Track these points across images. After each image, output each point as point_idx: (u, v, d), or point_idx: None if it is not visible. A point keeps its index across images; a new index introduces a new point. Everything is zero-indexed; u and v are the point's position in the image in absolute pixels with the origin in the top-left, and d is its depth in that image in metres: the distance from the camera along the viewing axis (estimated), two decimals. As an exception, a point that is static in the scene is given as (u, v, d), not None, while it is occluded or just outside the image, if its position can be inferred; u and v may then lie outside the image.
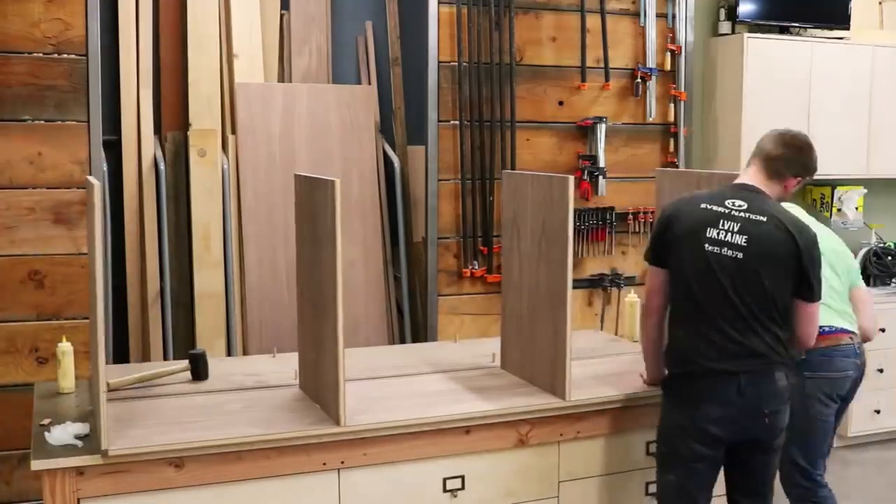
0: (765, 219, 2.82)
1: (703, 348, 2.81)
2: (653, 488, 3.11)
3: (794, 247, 2.80)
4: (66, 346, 3.06)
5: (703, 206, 2.88)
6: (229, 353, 4.52)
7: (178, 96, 4.58)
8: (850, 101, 5.43)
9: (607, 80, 5.03)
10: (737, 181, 2.97)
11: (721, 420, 2.81)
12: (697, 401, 2.82)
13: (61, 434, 2.57)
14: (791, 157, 2.94)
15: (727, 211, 2.84)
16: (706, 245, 2.82)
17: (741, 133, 5.15)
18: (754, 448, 2.89)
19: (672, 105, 5.18)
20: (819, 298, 2.89)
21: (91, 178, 2.59)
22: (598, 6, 4.98)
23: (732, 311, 2.79)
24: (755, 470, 2.93)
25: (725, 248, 2.80)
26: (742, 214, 2.83)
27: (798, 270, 2.81)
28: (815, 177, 3.10)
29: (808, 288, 2.84)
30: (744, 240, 2.80)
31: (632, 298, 3.89)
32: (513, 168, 4.80)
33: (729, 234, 2.81)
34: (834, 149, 5.32)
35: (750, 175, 2.95)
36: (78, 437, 2.56)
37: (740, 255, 2.79)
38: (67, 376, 3.06)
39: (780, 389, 2.84)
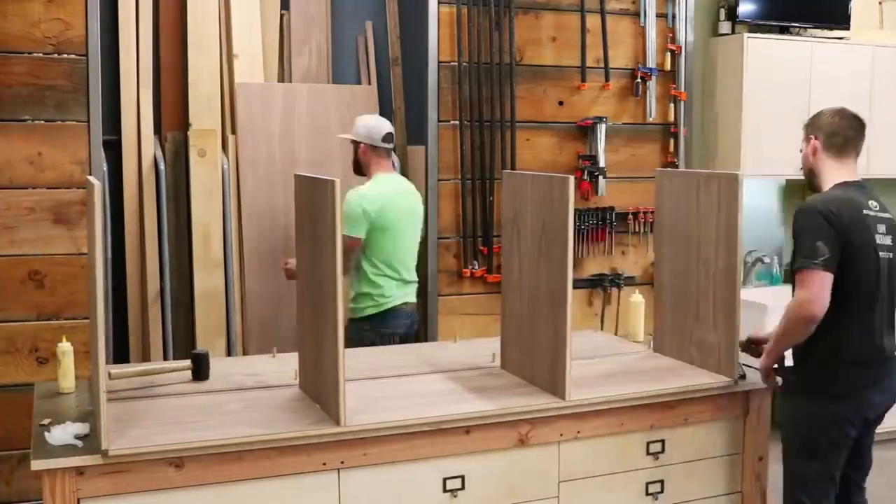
0: (890, 215, 3.00)
1: (864, 342, 2.97)
2: (653, 488, 3.12)
3: None
4: (66, 346, 3.05)
5: (864, 212, 2.96)
6: (229, 353, 4.53)
7: (178, 96, 4.58)
8: (850, 101, 5.33)
9: (607, 80, 5.03)
10: (851, 180, 3.05)
11: (879, 404, 3.03)
12: (861, 389, 2.98)
13: (61, 434, 2.56)
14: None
15: (875, 214, 2.98)
16: (881, 252, 2.95)
17: (741, 133, 5.15)
18: (872, 425, 3.09)
19: (672, 105, 5.18)
20: None
21: (91, 178, 2.58)
22: (598, 6, 4.98)
23: (887, 311, 2.99)
24: (868, 445, 3.14)
25: (889, 252, 2.96)
26: (883, 215, 3.00)
27: None
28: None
29: None
30: (891, 239, 2.97)
31: (636, 298, 3.85)
32: (513, 168, 4.80)
33: (885, 237, 2.97)
34: (834, 149, 5.33)
35: (853, 171, 3.07)
36: (78, 437, 2.56)
37: (891, 255, 2.96)
38: (67, 376, 3.06)
39: None
